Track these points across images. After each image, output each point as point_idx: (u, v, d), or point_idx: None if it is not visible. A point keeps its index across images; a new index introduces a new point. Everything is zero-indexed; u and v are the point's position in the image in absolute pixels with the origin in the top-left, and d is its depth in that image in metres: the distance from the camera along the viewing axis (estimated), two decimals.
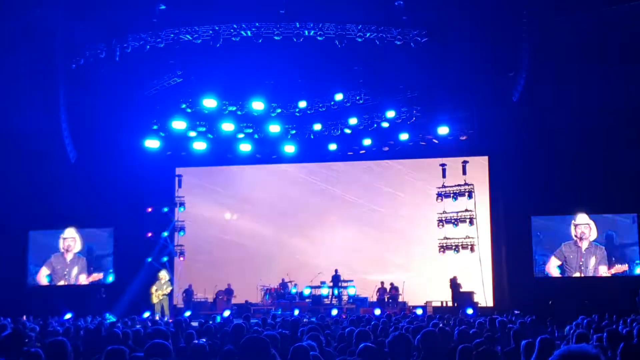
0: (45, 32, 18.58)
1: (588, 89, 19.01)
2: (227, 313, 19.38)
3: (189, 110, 23.41)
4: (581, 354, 2.48)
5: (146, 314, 18.88)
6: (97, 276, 24.33)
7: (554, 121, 20.58)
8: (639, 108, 19.47)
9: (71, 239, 24.80)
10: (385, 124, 23.41)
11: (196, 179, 26.58)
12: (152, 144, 23.71)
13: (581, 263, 22.70)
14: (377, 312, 19.14)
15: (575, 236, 22.86)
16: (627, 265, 22.41)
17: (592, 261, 22.70)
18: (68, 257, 24.80)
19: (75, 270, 24.66)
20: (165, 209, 24.79)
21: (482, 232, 23.89)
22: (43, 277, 24.59)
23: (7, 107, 19.75)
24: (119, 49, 19.25)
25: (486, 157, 24.56)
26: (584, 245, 22.78)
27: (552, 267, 22.77)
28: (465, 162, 24.26)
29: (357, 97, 22.97)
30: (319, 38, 18.92)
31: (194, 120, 23.66)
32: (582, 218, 22.79)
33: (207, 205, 26.68)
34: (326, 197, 26.59)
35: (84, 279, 24.52)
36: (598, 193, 21.14)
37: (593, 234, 22.74)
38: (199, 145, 24.35)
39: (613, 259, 22.60)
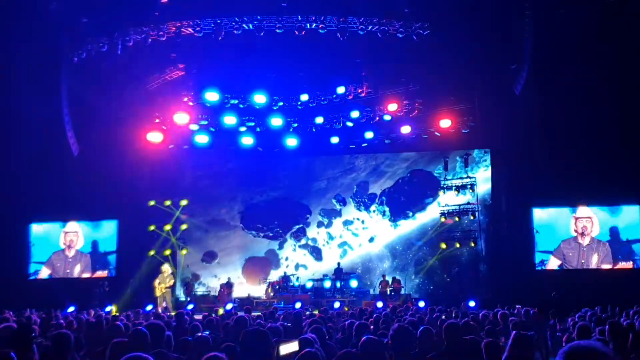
0: (48, 26, 18.56)
1: (589, 80, 18.96)
2: (229, 306, 19.42)
3: (191, 103, 23.41)
4: (589, 350, 2.38)
5: (149, 307, 18.92)
6: (101, 274, 24.25)
7: (556, 113, 20.54)
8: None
9: (73, 234, 24.69)
10: (387, 117, 23.42)
11: (199, 172, 26.61)
12: (154, 137, 23.74)
13: (583, 261, 22.15)
14: (380, 304, 19.18)
15: (576, 231, 22.43)
16: (631, 262, 21.88)
17: (594, 259, 22.10)
18: (70, 253, 24.55)
19: (77, 269, 24.42)
20: (168, 202, 24.83)
21: (484, 224, 23.90)
22: (43, 275, 24.47)
23: (10, 100, 19.76)
24: (121, 42, 19.24)
25: (488, 150, 24.58)
26: (586, 240, 22.26)
27: (552, 267, 22.45)
28: (467, 154, 24.28)
29: (359, 90, 22.94)
30: (320, 31, 18.88)
31: (196, 113, 23.66)
32: (583, 211, 22.46)
33: (209, 198, 26.71)
34: (328, 188, 26.65)
35: (86, 277, 24.45)
36: (601, 184, 20.99)
37: (595, 228, 22.23)
38: (201, 139, 24.36)
39: (619, 256, 21.93)
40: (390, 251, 25.75)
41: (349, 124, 23.93)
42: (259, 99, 23.01)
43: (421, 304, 18.93)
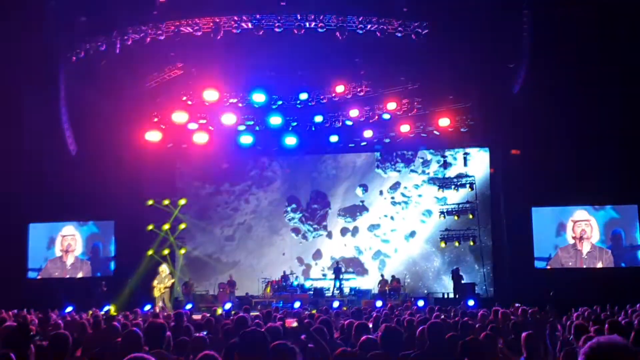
0: (46, 25, 18.52)
1: (588, 78, 18.96)
2: (228, 306, 19.38)
3: (189, 102, 23.37)
4: (611, 345, 2.49)
5: (147, 307, 18.88)
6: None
7: (554, 112, 20.52)
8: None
9: (71, 237, 24.42)
10: (386, 116, 23.40)
11: (197, 171, 26.57)
12: (152, 136, 23.68)
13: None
14: (379, 304, 19.16)
15: (574, 237, 21.93)
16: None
17: (598, 266, 21.46)
18: (68, 260, 24.17)
19: (79, 275, 24.24)
20: (166, 202, 24.78)
21: (483, 223, 23.88)
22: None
23: (7, 100, 19.72)
24: (119, 41, 19.21)
25: (487, 148, 24.57)
26: (585, 247, 21.70)
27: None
28: (466, 153, 24.27)
29: (358, 89, 22.92)
30: (319, 30, 18.85)
31: (194, 112, 23.63)
32: (581, 214, 22.04)
33: (208, 198, 26.69)
34: (327, 187, 26.61)
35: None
36: (600, 184, 20.90)
37: (595, 233, 21.67)
38: (200, 138, 24.32)
39: (622, 264, 21.35)
40: (434, 246, 24.65)
41: (348, 122, 23.92)
42: (258, 97, 22.98)
43: (420, 303, 18.90)
